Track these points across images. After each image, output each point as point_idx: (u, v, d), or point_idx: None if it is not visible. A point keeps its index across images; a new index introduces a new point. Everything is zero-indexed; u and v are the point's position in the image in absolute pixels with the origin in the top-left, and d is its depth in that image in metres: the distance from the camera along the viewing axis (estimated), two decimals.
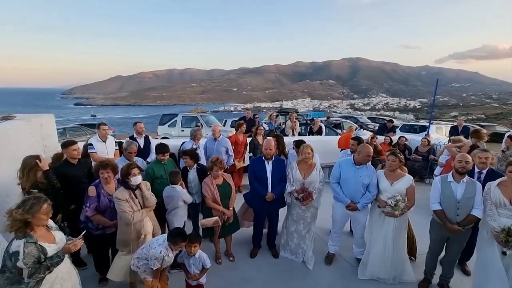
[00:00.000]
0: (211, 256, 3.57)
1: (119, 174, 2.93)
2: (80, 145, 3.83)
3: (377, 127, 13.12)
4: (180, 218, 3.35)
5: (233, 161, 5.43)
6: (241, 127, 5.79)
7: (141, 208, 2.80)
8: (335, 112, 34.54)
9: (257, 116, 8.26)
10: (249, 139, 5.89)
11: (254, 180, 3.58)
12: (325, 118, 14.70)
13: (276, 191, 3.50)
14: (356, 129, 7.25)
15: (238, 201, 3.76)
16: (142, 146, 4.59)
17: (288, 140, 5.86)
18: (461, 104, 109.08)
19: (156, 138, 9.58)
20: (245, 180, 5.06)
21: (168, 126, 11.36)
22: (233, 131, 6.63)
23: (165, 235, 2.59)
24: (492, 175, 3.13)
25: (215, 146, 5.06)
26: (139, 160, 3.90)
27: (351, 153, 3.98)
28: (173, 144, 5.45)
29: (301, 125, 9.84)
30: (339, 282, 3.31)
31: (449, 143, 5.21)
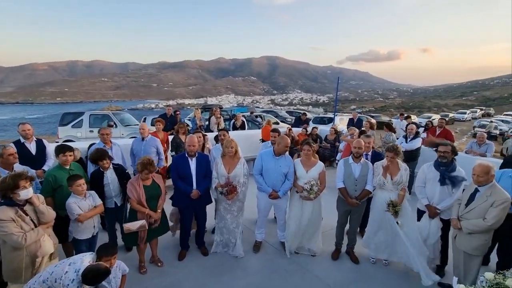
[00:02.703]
0: (133, 266, 3.29)
1: None
2: None
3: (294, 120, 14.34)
4: (88, 225, 2.93)
5: (165, 162, 5.07)
6: (159, 124, 5.44)
7: (36, 226, 2.32)
8: (258, 107, 36.17)
9: (178, 112, 7.90)
10: (170, 138, 5.60)
11: (177, 178, 3.44)
12: (248, 113, 15.20)
13: (201, 187, 3.45)
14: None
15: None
16: (34, 152, 3.80)
17: (213, 136, 5.85)
18: (357, 99, 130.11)
19: (57, 142, 8.09)
20: (168, 180, 4.81)
21: (72, 127, 9.69)
22: (153, 129, 6.18)
23: (77, 265, 2.10)
24: (375, 155, 3.91)
25: (142, 147, 4.61)
26: (29, 170, 3.23)
27: (272, 144, 4.24)
28: (80, 147, 4.72)
29: (225, 120, 9.93)
30: (266, 267, 3.51)
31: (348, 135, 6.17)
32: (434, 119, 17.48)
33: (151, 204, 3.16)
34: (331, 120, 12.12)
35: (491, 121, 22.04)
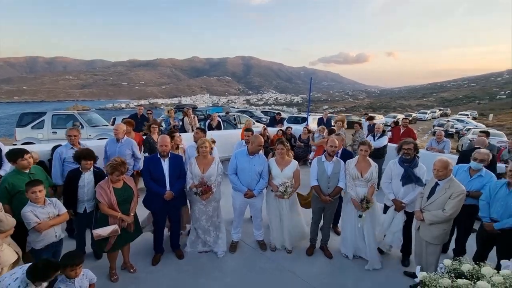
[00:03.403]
0: (104, 274, 3.14)
1: None
2: None
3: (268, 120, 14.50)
4: (48, 235, 2.70)
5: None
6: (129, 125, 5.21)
7: None
8: (233, 107, 36.05)
9: (150, 112, 7.63)
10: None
11: (149, 180, 3.33)
12: (224, 113, 15.11)
13: (175, 188, 3.37)
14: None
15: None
16: None
17: (187, 136, 5.74)
18: (329, 99, 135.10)
19: (14, 145, 7.44)
20: (141, 183, 4.63)
21: (32, 128, 8.96)
22: None
23: (25, 266, 1.96)
24: (345, 153, 4.07)
25: (117, 149, 4.35)
26: None
27: (246, 143, 4.26)
28: (42, 150, 4.40)
29: (200, 120, 9.79)
30: (243, 267, 3.52)
31: (316, 132, 6.40)
32: (399, 119, 18.60)
33: (123, 208, 3.03)
34: (304, 119, 12.42)
35: (448, 121, 24.06)
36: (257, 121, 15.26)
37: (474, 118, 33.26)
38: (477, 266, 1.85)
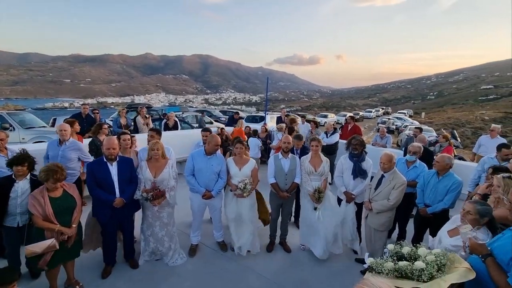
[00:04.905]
0: None
1: None
2: None
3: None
4: None
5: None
6: (74, 125, 4.72)
7: None
8: (191, 106, 35.01)
9: (97, 111, 7.00)
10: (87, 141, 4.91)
11: (95, 186, 3.03)
12: (181, 113, 14.59)
13: (126, 194, 3.12)
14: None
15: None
16: None
17: (141, 137, 5.39)
18: (286, 99, 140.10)
19: None
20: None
21: None
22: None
23: None
24: (304, 149, 4.26)
25: (60, 152, 3.86)
26: None
27: (204, 144, 4.16)
28: None
29: (155, 120, 9.31)
30: (203, 269, 3.43)
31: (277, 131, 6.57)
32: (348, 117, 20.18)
33: (63, 220, 2.68)
34: (262, 118, 12.64)
35: (389, 118, 26.82)
36: (216, 121, 15.07)
37: (410, 116, 37.62)
38: (415, 248, 2.06)
